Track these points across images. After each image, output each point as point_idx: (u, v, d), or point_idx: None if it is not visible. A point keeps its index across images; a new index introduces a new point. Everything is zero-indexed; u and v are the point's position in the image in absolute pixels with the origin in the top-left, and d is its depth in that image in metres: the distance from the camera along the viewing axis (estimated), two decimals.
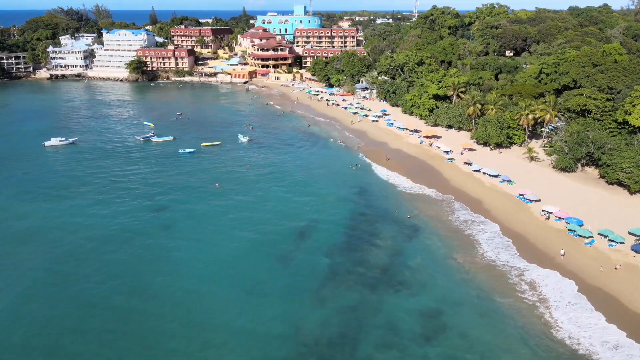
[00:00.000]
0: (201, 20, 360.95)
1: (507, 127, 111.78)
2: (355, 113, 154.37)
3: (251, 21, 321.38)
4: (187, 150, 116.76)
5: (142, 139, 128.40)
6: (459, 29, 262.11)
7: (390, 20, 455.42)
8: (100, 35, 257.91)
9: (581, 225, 72.78)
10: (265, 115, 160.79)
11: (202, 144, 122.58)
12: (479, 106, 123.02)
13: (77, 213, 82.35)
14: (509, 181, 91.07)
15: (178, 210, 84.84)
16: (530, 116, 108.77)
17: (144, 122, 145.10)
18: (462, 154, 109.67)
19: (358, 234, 75.91)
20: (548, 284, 60.77)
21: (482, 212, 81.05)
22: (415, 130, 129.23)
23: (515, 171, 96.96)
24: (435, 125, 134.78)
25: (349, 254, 70.11)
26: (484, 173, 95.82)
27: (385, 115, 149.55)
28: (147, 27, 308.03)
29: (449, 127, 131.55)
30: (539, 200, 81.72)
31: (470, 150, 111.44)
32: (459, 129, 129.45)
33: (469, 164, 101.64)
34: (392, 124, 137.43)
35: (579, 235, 70.99)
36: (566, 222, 74.29)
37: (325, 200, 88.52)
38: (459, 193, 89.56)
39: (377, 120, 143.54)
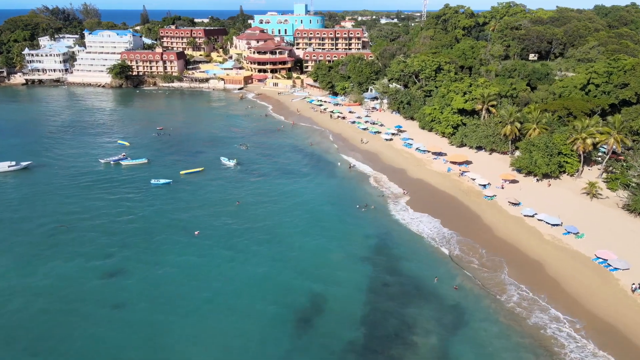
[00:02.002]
0: (196, 21, 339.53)
1: (557, 154, 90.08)
2: (365, 129, 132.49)
3: (249, 21, 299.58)
4: (162, 181, 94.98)
5: (112, 162, 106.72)
6: (473, 29, 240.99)
7: (395, 20, 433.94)
8: (83, 36, 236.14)
9: None
10: (262, 130, 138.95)
11: (182, 172, 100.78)
12: (518, 125, 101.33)
13: None
14: (577, 234, 69.09)
15: (138, 274, 63.23)
16: (588, 140, 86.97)
17: (118, 141, 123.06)
18: (502, 187, 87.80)
19: (380, 320, 54.20)
20: None
21: (549, 288, 58.80)
22: (440, 154, 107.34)
23: (576, 214, 75.20)
24: (461, 145, 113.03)
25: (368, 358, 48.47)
26: (540, 220, 73.85)
27: (401, 132, 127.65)
28: (136, 28, 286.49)
29: (479, 148, 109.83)
30: (627, 269, 59.84)
31: (512, 182, 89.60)
32: (492, 151, 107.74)
33: (515, 204, 79.70)
34: (410, 144, 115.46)
35: None
36: None
37: (331, 261, 66.75)
38: (510, 250, 67.60)
39: (391, 139, 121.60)
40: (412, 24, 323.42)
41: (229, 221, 78.82)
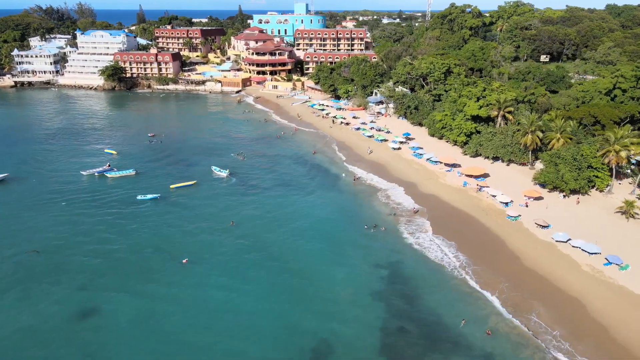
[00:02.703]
0: (194, 20, 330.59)
1: (587, 167, 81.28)
2: (370, 136, 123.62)
3: (248, 21, 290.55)
4: (149, 196, 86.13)
5: (96, 174, 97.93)
6: (479, 30, 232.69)
7: (398, 20, 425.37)
8: (75, 36, 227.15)
9: None
10: (261, 137, 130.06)
11: (172, 186, 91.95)
12: (540, 134, 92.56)
13: None
14: (620, 265, 60.22)
15: (117, 314, 54.51)
16: (623, 153, 78.18)
17: (105, 150, 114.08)
18: (526, 205, 78.95)
19: None
20: None
21: (594, 335, 50.08)
22: (454, 165, 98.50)
23: (614, 239, 66.42)
24: (476, 155, 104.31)
25: None
26: (575, 247, 64.97)
27: (409, 139, 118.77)
28: (131, 28, 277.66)
29: (495, 158, 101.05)
30: None
31: (537, 199, 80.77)
32: (509, 161, 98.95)
33: (544, 226, 70.86)
34: (420, 154, 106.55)
35: None
36: None
37: (339, 296, 57.98)
38: (543, 285, 58.69)
39: (399, 148, 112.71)
40: (416, 24, 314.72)
41: (221, 246, 70.03)
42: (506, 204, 78.97)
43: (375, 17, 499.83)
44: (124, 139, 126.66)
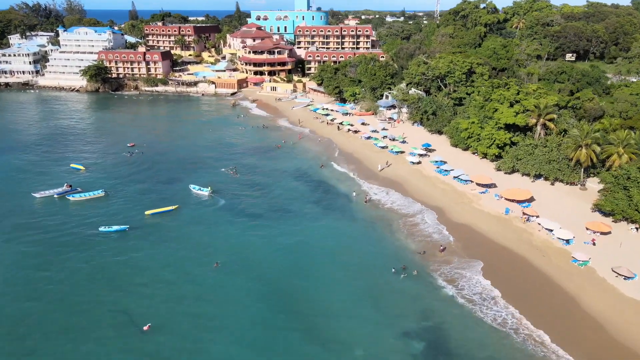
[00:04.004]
0: (190, 19, 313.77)
1: None
2: (384, 147, 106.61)
3: (246, 19, 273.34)
4: (114, 228, 69.11)
5: (55, 196, 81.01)
6: (494, 27, 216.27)
7: (402, 19, 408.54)
8: (58, 34, 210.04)
9: None
10: (257, 147, 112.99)
11: (147, 212, 75.06)
12: (597, 148, 75.75)
13: None
14: None
15: None
16: None
17: (71, 165, 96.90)
18: (593, 243, 62.01)
19: None
20: None
21: None
22: (489, 186, 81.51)
23: None
24: (512, 171, 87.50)
25: None
26: None
27: (429, 151, 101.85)
28: (121, 26, 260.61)
29: (537, 176, 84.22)
30: None
31: (604, 233, 63.83)
32: (555, 180, 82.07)
33: (628, 277, 53.86)
34: (446, 170, 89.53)
35: None
36: None
37: None
38: None
39: (419, 162, 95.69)
40: (425, 22, 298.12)
41: (199, 302, 53.10)
42: (567, 241, 61.95)
43: (377, 16, 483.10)
44: (99, 149, 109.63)
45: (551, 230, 63.97)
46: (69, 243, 65.15)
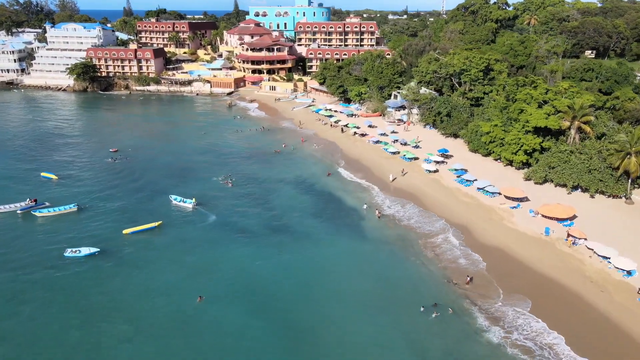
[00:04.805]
0: (187, 17, 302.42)
1: None
2: (395, 153, 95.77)
3: (245, 17, 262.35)
4: (83, 252, 58.32)
5: (18, 212, 70.23)
6: (504, 23, 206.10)
7: (405, 17, 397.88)
8: (46, 30, 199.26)
9: None
10: (254, 152, 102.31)
11: (126, 231, 64.41)
12: None
13: None
14: None
15: None
16: None
17: (42, 174, 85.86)
18: None
19: None
20: None
21: None
22: (520, 199, 70.73)
23: None
24: (544, 181, 76.88)
25: None
26: None
27: (447, 157, 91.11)
28: (114, 23, 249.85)
29: (575, 187, 73.54)
30: None
31: None
32: (596, 192, 71.40)
33: None
34: (468, 181, 78.73)
35: None
36: None
37: None
38: None
39: (436, 171, 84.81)
40: (431, 19, 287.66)
41: (178, 349, 42.39)
42: (629, 272, 51.21)
43: (378, 15, 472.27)
44: (77, 155, 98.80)
45: (607, 258, 53.21)
46: (24, 273, 54.31)
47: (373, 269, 56.33)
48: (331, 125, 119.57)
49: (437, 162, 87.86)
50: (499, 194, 72.47)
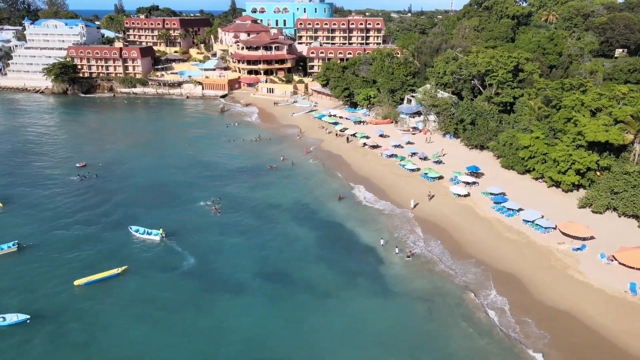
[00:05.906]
0: (183, 15, 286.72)
1: None
2: (413, 170, 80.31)
3: (243, 14, 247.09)
4: (7, 321, 43.12)
5: None
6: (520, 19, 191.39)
7: (409, 15, 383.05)
8: (25, 28, 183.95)
9: None
10: (248, 167, 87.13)
11: (78, 281, 49.33)
12: None
13: None
14: None
15: None
16: None
17: None
18: None
19: None
20: None
21: None
22: (583, 238, 55.33)
23: None
24: (605, 209, 61.65)
25: None
26: None
27: (477, 175, 75.81)
28: (102, 20, 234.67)
29: (637, 217, 58.40)
30: None
31: None
32: None
33: None
34: (510, 210, 63.08)
35: None
36: None
37: None
38: None
39: (467, 195, 69.36)
40: (439, 16, 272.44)
41: None
42: None
43: (381, 14, 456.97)
44: (36, 172, 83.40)
45: None
46: None
47: (407, 347, 41.04)
48: (337, 134, 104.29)
49: (467, 184, 72.57)
50: (553, 228, 57.17)
